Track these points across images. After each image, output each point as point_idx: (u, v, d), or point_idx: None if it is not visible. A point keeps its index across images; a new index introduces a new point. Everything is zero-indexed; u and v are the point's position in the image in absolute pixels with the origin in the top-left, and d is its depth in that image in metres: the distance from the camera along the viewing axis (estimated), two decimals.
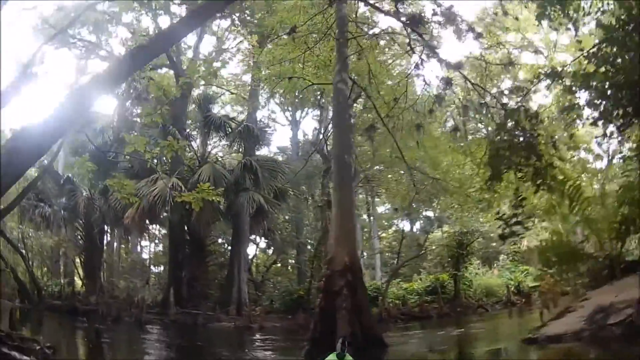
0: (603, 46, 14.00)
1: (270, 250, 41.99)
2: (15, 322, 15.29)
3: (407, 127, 22.38)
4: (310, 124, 70.52)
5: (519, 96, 17.82)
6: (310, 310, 26.77)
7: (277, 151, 43.64)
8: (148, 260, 42.13)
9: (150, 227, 36.00)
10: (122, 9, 27.09)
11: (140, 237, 37.62)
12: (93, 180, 29.27)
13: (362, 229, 43.86)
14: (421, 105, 21.79)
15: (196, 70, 18.12)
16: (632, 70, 13.11)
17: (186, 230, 30.32)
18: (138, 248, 42.49)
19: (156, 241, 43.23)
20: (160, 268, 40.76)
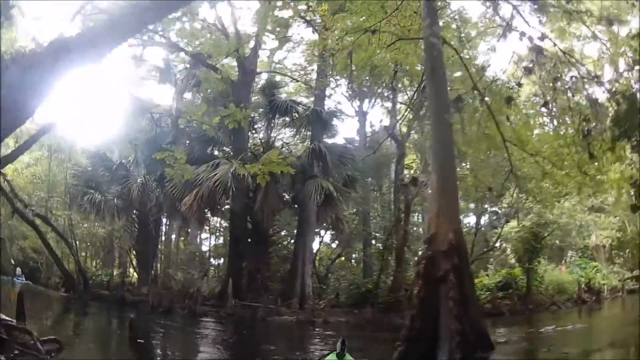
0: None
1: (334, 244, 39.76)
2: (23, 310, 12.77)
3: (496, 101, 19.67)
4: (377, 116, 65.98)
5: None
6: (378, 304, 25.74)
7: (344, 142, 40.36)
8: (208, 252, 40.07)
9: (210, 218, 34.06)
10: None
11: (199, 229, 35.39)
12: (150, 167, 27.49)
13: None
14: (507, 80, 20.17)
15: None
16: None
17: (248, 219, 28.06)
18: (197, 240, 40.37)
19: (217, 234, 41.67)
20: (220, 260, 39.12)
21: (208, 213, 30.41)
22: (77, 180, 29.18)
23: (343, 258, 39.88)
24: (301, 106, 30.60)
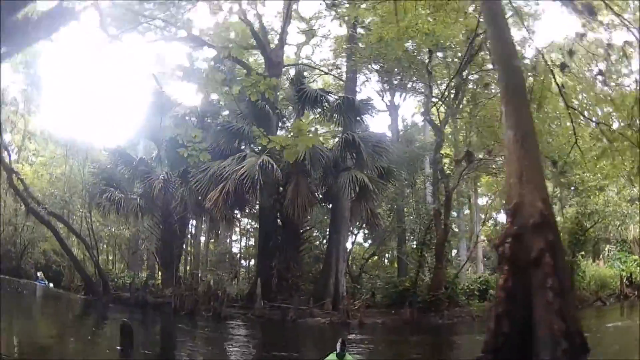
0: None
1: (367, 243, 37.97)
2: None
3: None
4: (409, 110, 62.84)
5: None
6: (417, 304, 23.52)
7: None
8: (239, 254, 38.18)
9: (240, 219, 32.17)
10: None
11: (229, 229, 33.44)
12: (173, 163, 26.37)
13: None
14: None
15: None
16: None
17: (278, 216, 26.16)
18: (228, 241, 38.48)
19: (248, 235, 40.10)
20: (251, 262, 37.95)
21: (237, 214, 29.11)
22: (95, 177, 27.25)
23: (376, 257, 38.05)
24: (331, 95, 28.34)
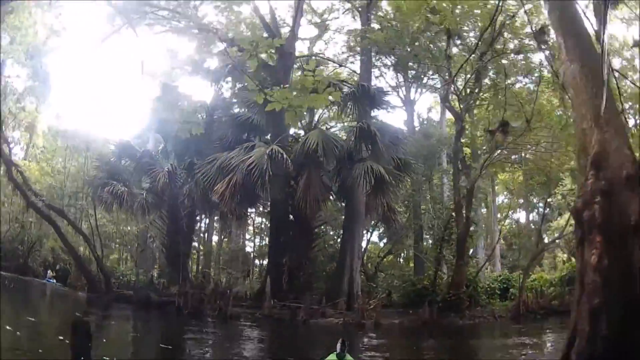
0: None
1: (382, 242, 36.58)
2: None
3: None
4: (425, 105, 60.52)
5: None
6: (437, 303, 21.74)
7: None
8: (252, 253, 36.61)
9: (251, 217, 30.47)
10: None
11: (240, 227, 31.71)
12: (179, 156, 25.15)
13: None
14: None
15: None
16: None
17: (289, 211, 24.51)
18: (241, 240, 36.85)
19: (262, 235, 38.62)
20: (264, 261, 35.93)
21: (251, 213, 28.17)
22: (98, 171, 25.71)
23: (392, 256, 36.25)
24: (345, 84, 26.31)
